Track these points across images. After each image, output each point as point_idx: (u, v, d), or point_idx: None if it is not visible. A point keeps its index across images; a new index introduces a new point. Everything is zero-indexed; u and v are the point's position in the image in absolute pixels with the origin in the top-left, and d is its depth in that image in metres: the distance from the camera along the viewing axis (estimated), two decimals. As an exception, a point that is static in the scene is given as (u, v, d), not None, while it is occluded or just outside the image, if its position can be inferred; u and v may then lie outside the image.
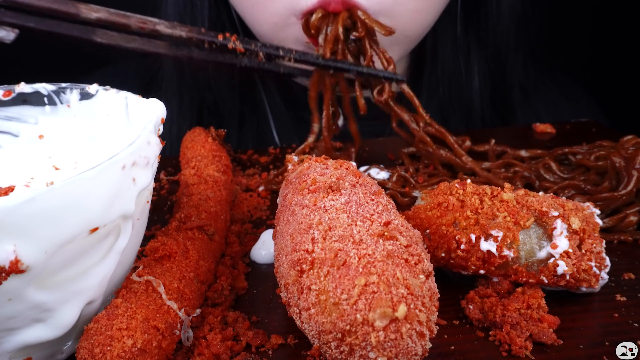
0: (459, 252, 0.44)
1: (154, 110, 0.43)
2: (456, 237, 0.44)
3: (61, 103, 0.50)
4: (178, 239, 0.45)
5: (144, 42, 0.65)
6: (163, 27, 0.64)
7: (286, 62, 0.70)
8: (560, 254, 0.42)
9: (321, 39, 0.69)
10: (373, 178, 0.68)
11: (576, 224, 0.43)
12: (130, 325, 0.36)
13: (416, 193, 0.65)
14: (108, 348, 0.35)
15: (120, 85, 0.51)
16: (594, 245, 0.43)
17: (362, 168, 0.71)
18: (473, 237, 0.43)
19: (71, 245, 0.33)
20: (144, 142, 0.38)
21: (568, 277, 0.42)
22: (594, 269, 0.42)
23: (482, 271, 0.44)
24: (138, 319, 0.37)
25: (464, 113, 0.95)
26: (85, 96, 0.50)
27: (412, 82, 0.95)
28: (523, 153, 0.72)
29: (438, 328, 0.35)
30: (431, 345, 0.33)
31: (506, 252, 0.43)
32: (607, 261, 0.43)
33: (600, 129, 0.85)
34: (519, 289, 0.44)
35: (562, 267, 0.42)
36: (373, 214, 0.38)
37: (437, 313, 0.35)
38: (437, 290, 0.36)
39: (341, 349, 0.33)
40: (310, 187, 0.42)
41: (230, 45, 0.66)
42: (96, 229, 0.35)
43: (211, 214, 0.52)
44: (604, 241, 0.43)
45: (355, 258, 0.34)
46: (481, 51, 0.94)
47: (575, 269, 0.42)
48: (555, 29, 1.18)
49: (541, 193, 0.47)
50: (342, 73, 0.70)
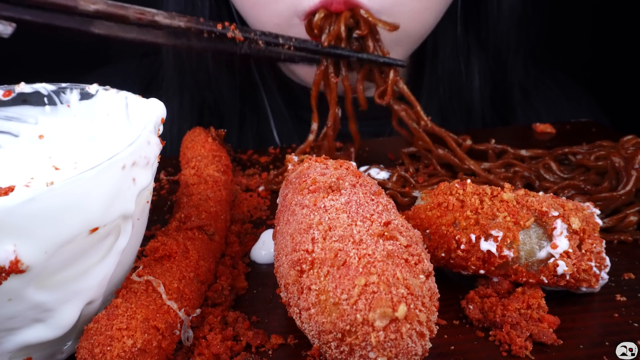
0: (459, 252, 0.44)
1: (154, 110, 0.43)
2: (456, 237, 0.44)
3: (61, 103, 0.50)
4: (178, 239, 0.45)
5: (142, 32, 0.64)
6: (162, 18, 0.64)
7: (286, 50, 0.70)
8: (560, 254, 0.42)
9: (324, 39, 0.69)
10: (373, 178, 0.68)
11: (576, 224, 0.43)
12: (130, 325, 0.36)
13: (416, 193, 0.65)
14: (108, 348, 0.35)
15: (120, 84, 0.51)
16: (594, 245, 0.43)
17: (362, 168, 0.71)
18: (473, 237, 0.43)
19: (71, 245, 0.33)
20: (144, 142, 0.38)
21: (568, 277, 0.42)
22: (594, 269, 0.42)
23: (482, 271, 0.44)
24: (138, 319, 0.37)
25: (464, 113, 0.95)
26: (85, 96, 0.50)
27: (413, 82, 0.95)
28: (523, 153, 0.72)
29: (438, 328, 0.35)
30: (431, 345, 0.33)
31: (506, 252, 0.43)
32: (607, 261, 0.43)
33: (600, 129, 0.85)
34: (519, 289, 0.44)
35: (562, 267, 0.42)
36: (373, 214, 0.38)
37: (437, 313, 0.35)
38: (437, 290, 0.36)
39: (341, 349, 0.33)
40: (310, 187, 0.42)
41: (229, 34, 0.66)
42: (96, 229, 0.35)
43: (211, 214, 0.52)
44: (604, 241, 0.43)
45: (355, 258, 0.34)
46: (481, 51, 0.93)
47: (575, 269, 0.42)
48: (555, 29, 1.18)
49: (541, 193, 0.47)
50: (345, 74, 0.70)
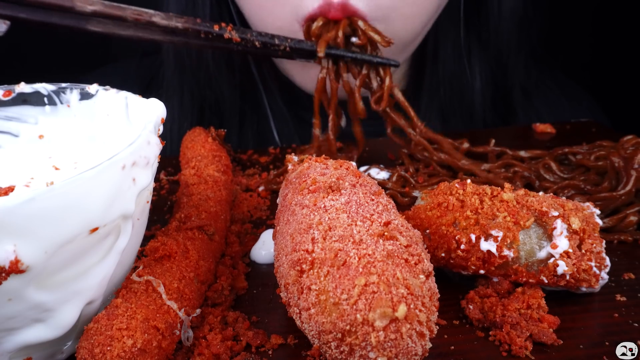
0: (459, 252, 0.44)
1: (154, 110, 0.43)
2: (456, 237, 0.44)
3: (61, 103, 0.50)
4: (178, 239, 0.45)
5: (139, 30, 0.64)
6: (159, 19, 0.64)
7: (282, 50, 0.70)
8: (560, 254, 0.42)
9: (319, 43, 0.69)
10: (373, 178, 0.68)
11: (576, 224, 0.43)
12: (130, 325, 0.36)
13: (416, 193, 0.65)
14: (108, 348, 0.35)
15: (120, 84, 0.51)
16: (594, 245, 0.43)
17: (362, 168, 0.71)
18: (473, 237, 0.43)
19: (71, 245, 0.33)
20: (144, 142, 0.38)
21: (568, 277, 0.42)
22: (594, 269, 0.42)
23: (482, 271, 0.44)
24: (138, 319, 0.37)
25: (465, 114, 0.95)
26: (85, 96, 0.50)
27: (414, 84, 0.95)
28: (523, 153, 0.72)
29: (438, 328, 0.35)
30: (431, 345, 0.33)
31: (506, 252, 0.43)
32: (607, 261, 0.43)
33: (600, 129, 0.85)
34: (519, 289, 0.44)
35: (562, 267, 0.42)
36: (373, 214, 0.38)
37: (437, 313, 0.35)
38: (437, 290, 0.36)
39: (341, 349, 0.33)
40: (310, 187, 0.42)
41: (226, 35, 0.66)
42: (96, 229, 0.35)
43: (211, 214, 0.52)
44: (604, 241, 0.43)
45: (355, 258, 0.34)
46: (482, 52, 0.94)
47: (575, 269, 0.42)
48: (555, 30, 1.18)
49: (541, 193, 0.47)
50: (347, 79, 0.70)
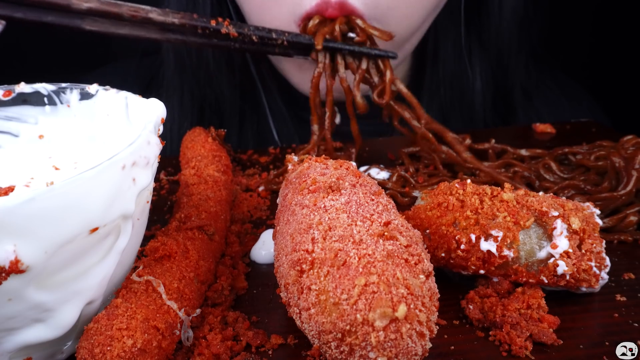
0: (459, 252, 0.44)
1: (154, 110, 0.43)
2: (456, 237, 0.44)
3: (61, 103, 0.50)
4: (178, 239, 0.45)
5: (135, 28, 0.64)
6: (155, 15, 0.63)
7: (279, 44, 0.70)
8: (560, 254, 0.42)
9: (316, 37, 0.68)
10: (373, 178, 0.68)
11: (576, 224, 0.43)
12: (130, 325, 0.36)
13: (416, 193, 0.65)
14: (108, 348, 0.35)
15: (120, 83, 0.51)
16: (594, 245, 0.43)
17: (362, 168, 0.71)
18: (473, 237, 0.43)
19: (71, 245, 0.33)
20: (144, 142, 0.38)
21: (568, 277, 0.42)
22: (594, 269, 0.42)
23: (482, 271, 0.44)
24: (138, 319, 0.37)
25: (466, 114, 0.95)
26: (85, 96, 0.50)
27: (414, 84, 0.95)
28: (523, 152, 0.72)
29: (438, 328, 0.35)
30: (431, 345, 0.33)
31: (506, 252, 0.43)
32: (607, 261, 0.43)
33: (600, 129, 0.85)
34: (519, 289, 0.44)
35: (562, 267, 0.42)
36: (373, 214, 0.38)
37: (437, 313, 0.35)
38: (437, 290, 0.36)
39: (341, 349, 0.33)
40: (310, 187, 0.42)
41: (223, 30, 0.66)
42: (96, 229, 0.35)
43: (211, 214, 0.52)
44: (604, 241, 0.43)
45: (355, 258, 0.34)
46: (483, 52, 0.94)
47: (575, 269, 0.42)
48: (556, 30, 1.18)
49: (541, 193, 0.47)
50: (343, 76, 0.70)
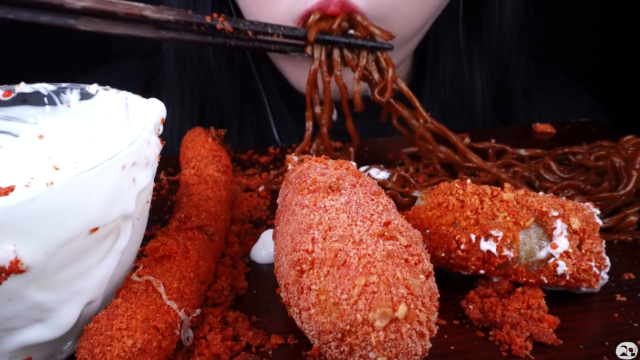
0: (459, 252, 0.44)
1: (154, 110, 0.43)
2: (456, 237, 0.44)
3: (61, 103, 0.50)
4: (178, 239, 0.45)
5: (130, 27, 0.64)
6: (150, 12, 0.63)
7: (275, 39, 0.69)
8: (560, 254, 0.42)
9: (311, 30, 0.68)
10: (373, 178, 0.68)
11: (576, 224, 0.43)
12: (130, 325, 0.36)
13: (416, 193, 0.65)
14: (108, 348, 0.35)
15: (121, 83, 0.51)
16: (594, 245, 0.43)
17: (362, 168, 0.71)
18: (473, 237, 0.43)
19: (71, 245, 0.33)
20: (144, 142, 0.38)
21: (568, 277, 0.42)
22: (594, 269, 0.42)
23: (482, 271, 0.44)
24: (138, 319, 0.37)
25: (466, 116, 0.95)
26: (85, 96, 0.50)
27: (414, 85, 0.95)
28: (523, 152, 0.72)
29: (438, 328, 0.35)
30: (431, 345, 0.33)
31: (506, 252, 0.43)
32: (607, 261, 0.43)
33: (600, 129, 0.85)
34: (519, 289, 0.44)
35: (562, 267, 0.42)
36: (373, 214, 0.38)
37: (437, 313, 0.35)
38: (437, 290, 0.36)
39: (341, 349, 0.33)
40: (310, 187, 0.42)
41: (218, 25, 0.66)
42: (96, 229, 0.35)
43: (211, 214, 0.52)
44: (604, 241, 0.43)
45: (355, 258, 0.34)
46: (483, 54, 0.94)
47: (575, 269, 0.42)
48: (556, 30, 1.18)
49: (541, 193, 0.47)
50: (339, 73, 0.70)
